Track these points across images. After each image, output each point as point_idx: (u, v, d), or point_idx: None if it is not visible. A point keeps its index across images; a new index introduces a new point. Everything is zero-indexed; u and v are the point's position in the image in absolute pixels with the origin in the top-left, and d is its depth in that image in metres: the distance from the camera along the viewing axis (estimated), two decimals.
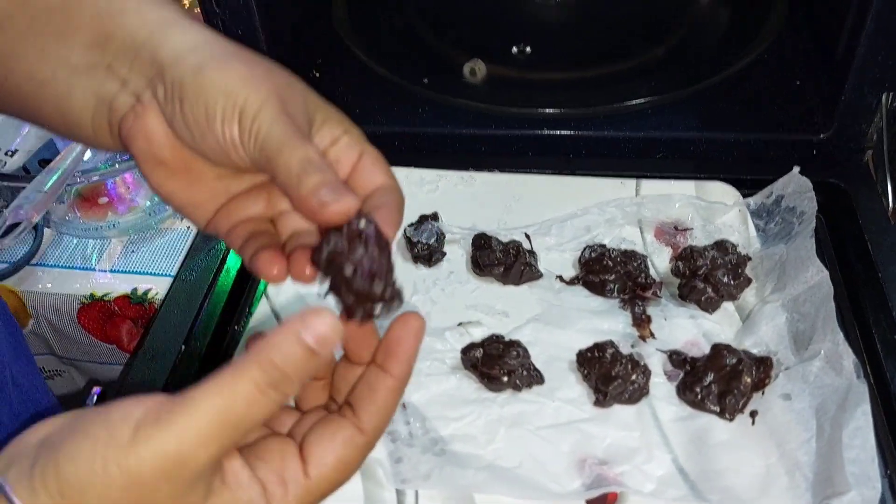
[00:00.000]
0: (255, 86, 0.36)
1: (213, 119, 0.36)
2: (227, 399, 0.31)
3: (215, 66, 0.37)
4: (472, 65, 0.84)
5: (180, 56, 0.38)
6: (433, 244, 0.66)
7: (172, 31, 0.39)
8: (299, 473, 0.34)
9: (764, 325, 0.58)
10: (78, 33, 0.40)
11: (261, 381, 0.31)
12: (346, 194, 0.34)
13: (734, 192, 0.68)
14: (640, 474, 0.51)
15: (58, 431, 0.33)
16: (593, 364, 0.56)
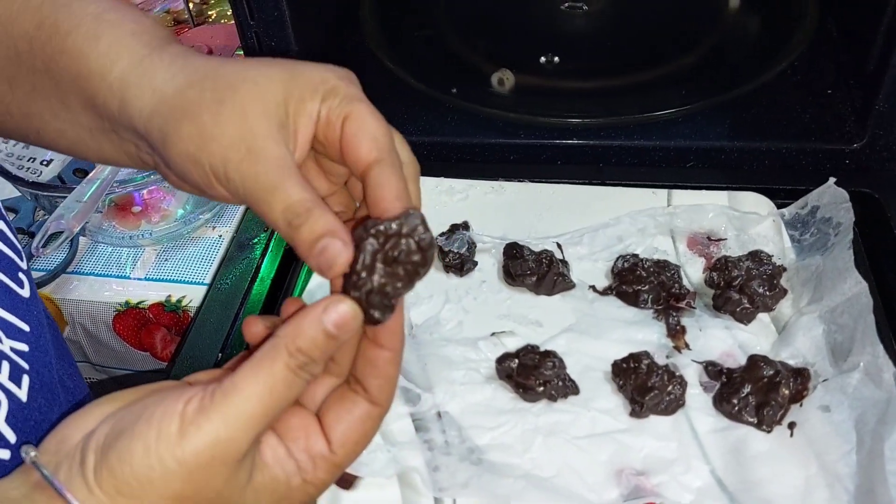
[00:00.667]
0: (210, 145, 0.36)
1: (201, 184, 0.37)
2: (267, 383, 0.33)
3: (173, 134, 0.37)
4: (501, 74, 0.84)
5: (147, 126, 0.38)
6: (464, 253, 0.66)
7: (133, 95, 0.38)
8: (325, 450, 0.36)
9: (801, 336, 0.58)
10: (70, 97, 0.41)
11: (292, 364, 0.33)
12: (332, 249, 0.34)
13: (768, 203, 0.68)
14: (678, 485, 0.51)
15: (102, 432, 0.34)
16: (629, 375, 0.56)
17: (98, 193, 0.69)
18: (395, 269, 0.34)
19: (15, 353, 0.47)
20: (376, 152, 0.37)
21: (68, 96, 0.41)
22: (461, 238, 0.66)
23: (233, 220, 0.82)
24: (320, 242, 0.34)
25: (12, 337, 0.47)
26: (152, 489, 0.32)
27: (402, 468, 0.51)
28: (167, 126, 0.37)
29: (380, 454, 0.52)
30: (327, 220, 0.35)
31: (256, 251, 0.72)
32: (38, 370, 0.49)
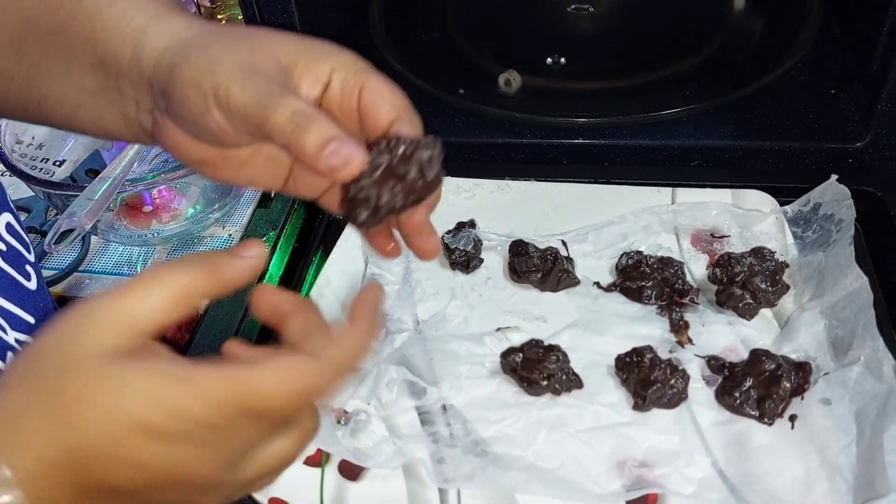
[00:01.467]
0: (216, 67, 0.36)
1: (197, 113, 0.37)
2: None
3: (182, 63, 0.37)
4: (508, 75, 0.85)
5: (157, 63, 0.39)
6: (470, 251, 0.67)
7: (148, 38, 0.40)
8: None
9: (803, 331, 0.58)
10: (79, 58, 0.42)
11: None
12: (346, 151, 0.34)
13: (771, 201, 0.69)
14: (680, 477, 0.52)
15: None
16: (632, 369, 0.57)
17: (110, 191, 0.70)
18: (395, 185, 0.36)
19: (20, 345, 0.48)
20: (396, 112, 0.38)
21: (77, 57, 0.42)
22: (467, 236, 0.67)
23: (242, 219, 0.83)
24: (331, 144, 0.34)
25: (17, 329, 0.48)
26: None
27: (407, 460, 0.52)
28: (176, 57, 0.38)
29: (385, 446, 0.53)
30: (337, 127, 0.35)
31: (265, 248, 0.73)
32: None
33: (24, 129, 0.79)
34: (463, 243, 0.67)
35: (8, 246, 0.49)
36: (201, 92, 0.36)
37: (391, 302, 0.64)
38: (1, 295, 0.48)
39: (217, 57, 0.37)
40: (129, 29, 0.40)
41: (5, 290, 0.48)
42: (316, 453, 0.53)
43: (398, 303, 0.64)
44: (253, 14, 0.72)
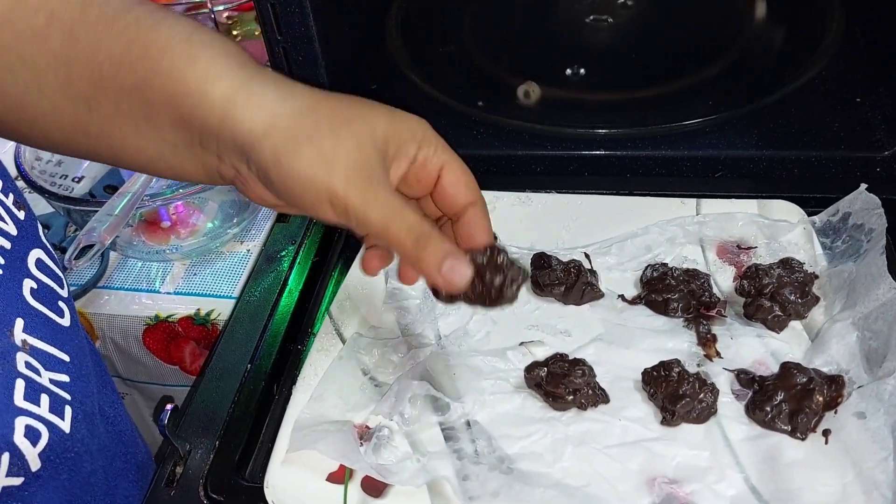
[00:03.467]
0: (330, 168, 0.40)
1: (304, 203, 0.42)
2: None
3: (290, 154, 0.41)
4: (527, 87, 0.85)
5: (256, 142, 0.41)
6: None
7: (238, 111, 0.41)
8: None
9: (834, 343, 0.57)
10: (159, 115, 0.43)
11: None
12: (460, 269, 0.44)
13: (798, 211, 0.68)
14: (712, 494, 0.50)
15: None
16: (659, 383, 0.56)
17: (129, 207, 0.70)
18: (477, 287, 0.47)
19: (55, 385, 0.47)
20: (472, 196, 0.47)
21: (158, 114, 0.43)
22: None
23: (260, 234, 0.83)
24: (447, 262, 0.43)
25: (52, 369, 0.48)
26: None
27: (431, 477, 0.51)
28: (285, 146, 0.41)
29: (409, 463, 0.52)
30: (449, 243, 0.44)
31: (284, 264, 0.73)
32: (80, 400, 0.49)
33: None
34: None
35: (39, 283, 0.49)
36: (316, 190, 0.41)
37: (412, 317, 0.64)
38: (33, 335, 0.47)
39: (331, 158, 0.41)
40: (214, 95, 0.41)
41: (38, 329, 0.47)
42: (339, 469, 0.52)
43: (419, 318, 0.63)
44: (271, 30, 0.72)
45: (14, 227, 0.47)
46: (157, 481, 0.55)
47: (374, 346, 0.60)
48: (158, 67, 0.42)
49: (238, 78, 0.42)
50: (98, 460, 0.52)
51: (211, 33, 0.44)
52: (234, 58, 0.43)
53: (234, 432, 0.58)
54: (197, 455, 0.56)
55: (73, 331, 0.51)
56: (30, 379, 0.45)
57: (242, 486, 0.55)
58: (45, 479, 0.45)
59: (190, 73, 0.41)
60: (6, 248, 0.46)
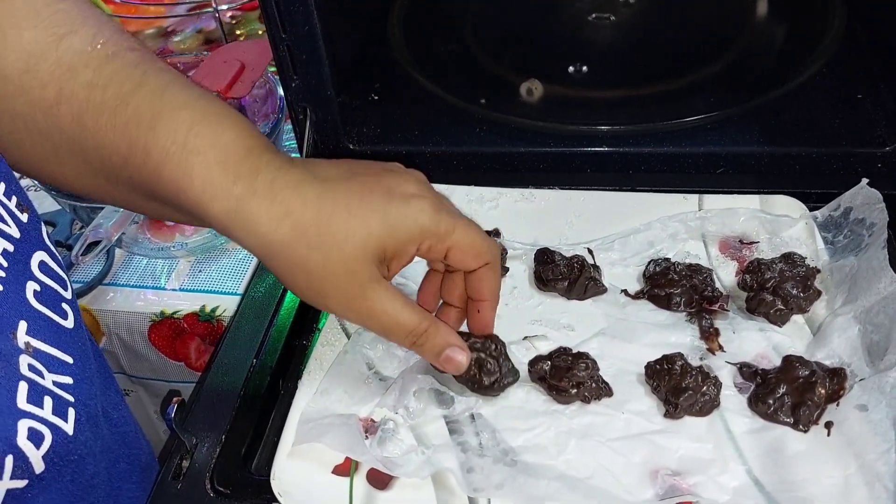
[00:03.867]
0: (324, 296, 0.46)
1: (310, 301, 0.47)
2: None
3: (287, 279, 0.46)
4: (529, 84, 0.85)
5: (258, 255, 0.45)
6: None
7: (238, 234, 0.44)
8: None
9: (836, 337, 0.58)
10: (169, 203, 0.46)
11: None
12: (456, 358, 0.51)
13: (800, 206, 0.68)
14: (715, 485, 0.51)
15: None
16: (662, 376, 0.56)
17: None
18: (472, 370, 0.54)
19: (59, 387, 0.47)
20: (481, 261, 0.50)
21: (167, 202, 0.46)
22: None
23: None
24: (444, 353, 0.50)
25: (56, 371, 0.48)
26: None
27: (436, 469, 0.52)
28: (283, 272, 0.45)
29: (414, 455, 0.53)
30: (444, 335, 0.50)
31: None
32: (84, 402, 0.50)
33: None
34: None
35: (42, 286, 0.49)
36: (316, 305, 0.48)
37: None
38: (37, 337, 0.47)
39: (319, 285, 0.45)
40: (214, 212, 0.44)
41: (41, 331, 0.48)
42: (345, 462, 0.52)
43: None
44: (276, 29, 0.73)
45: (17, 230, 0.47)
46: (163, 475, 0.56)
47: (378, 341, 0.60)
48: (159, 177, 0.44)
49: (232, 199, 0.44)
50: (101, 462, 0.52)
51: (214, 123, 0.45)
52: (229, 168, 0.44)
53: (240, 426, 0.58)
54: (203, 449, 0.57)
55: (77, 332, 0.52)
56: (33, 381, 0.45)
57: (249, 479, 0.55)
58: (48, 481, 0.46)
59: (189, 191, 0.44)
60: (9, 251, 0.46)
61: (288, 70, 0.75)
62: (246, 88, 0.84)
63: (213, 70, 0.85)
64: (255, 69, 0.85)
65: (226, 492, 0.54)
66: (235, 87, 0.84)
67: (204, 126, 0.44)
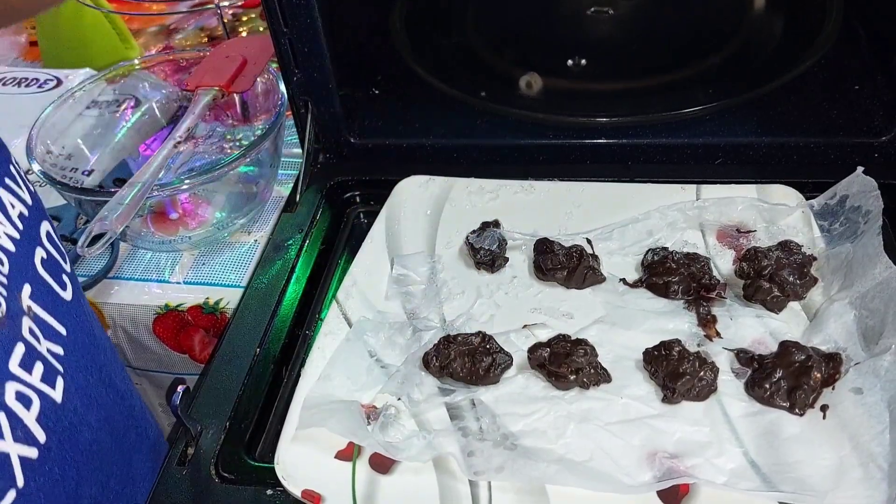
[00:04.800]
0: None
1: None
2: None
3: None
4: (529, 77, 0.86)
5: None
6: (495, 250, 0.68)
7: None
8: None
9: (832, 322, 0.58)
10: None
11: None
12: None
13: (796, 195, 0.69)
14: (712, 467, 0.52)
15: None
16: (660, 362, 0.57)
17: (139, 196, 0.71)
18: (465, 362, 0.58)
19: (51, 355, 0.49)
20: None
21: None
22: (492, 235, 0.68)
23: (267, 225, 0.84)
24: None
25: (50, 339, 0.49)
26: None
27: (438, 453, 0.53)
28: None
29: (416, 440, 0.54)
30: None
31: (292, 252, 0.74)
32: (72, 374, 0.51)
33: (53, 138, 0.81)
34: (488, 243, 0.68)
35: (48, 254, 0.51)
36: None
37: (417, 301, 0.65)
38: (38, 302, 0.49)
39: None
40: None
41: (41, 298, 0.49)
42: (347, 447, 0.53)
43: (424, 302, 0.65)
44: (278, 21, 0.74)
45: (29, 197, 0.49)
46: (169, 461, 0.57)
47: (380, 329, 0.61)
48: None
49: None
50: (102, 432, 0.53)
51: None
52: None
53: (244, 414, 0.59)
54: (208, 436, 0.58)
55: (75, 306, 0.53)
56: (30, 345, 0.46)
57: (253, 466, 0.56)
58: (55, 451, 0.47)
59: None
60: (24, 215, 0.48)
61: (289, 64, 0.76)
62: (248, 83, 0.85)
63: (215, 65, 0.86)
64: (256, 64, 0.86)
65: (231, 478, 0.55)
66: (237, 81, 0.85)
67: None
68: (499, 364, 0.58)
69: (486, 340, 0.59)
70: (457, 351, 0.58)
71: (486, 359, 0.57)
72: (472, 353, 0.58)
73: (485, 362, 0.57)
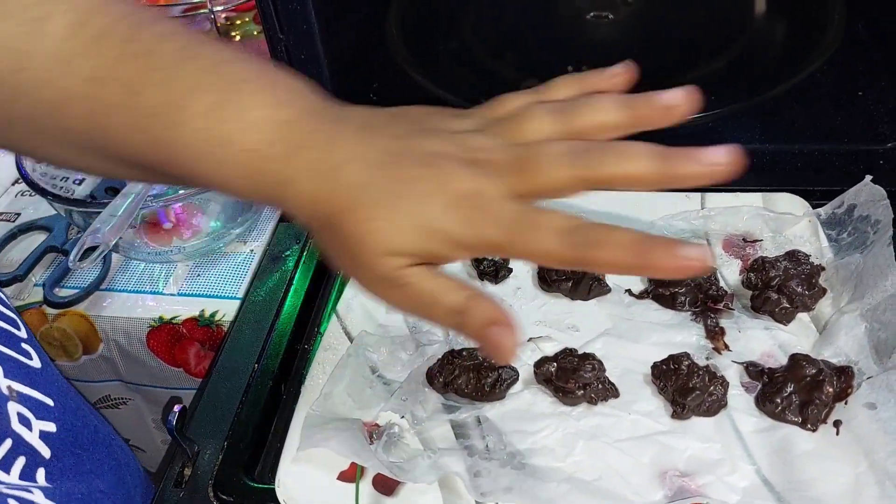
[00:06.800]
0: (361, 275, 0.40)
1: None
2: None
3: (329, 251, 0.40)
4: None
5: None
6: (499, 261, 0.67)
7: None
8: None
9: (843, 334, 0.58)
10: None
11: None
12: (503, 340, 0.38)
13: (803, 203, 0.68)
14: (724, 486, 0.51)
15: None
16: (669, 376, 0.56)
17: (132, 207, 0.70)
18: (470, 377, 0.57)
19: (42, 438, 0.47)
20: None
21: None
22: None
23: (264, 234, 0.83)
24: (485, 330, 0.38)
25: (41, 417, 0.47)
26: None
27: (443, 474, 0.52)
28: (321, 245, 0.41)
29: (420, 460, 0.53)
30: (488, 307, 0.39)
31: (289, 263, 0.73)
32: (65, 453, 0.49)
33: None
34: None
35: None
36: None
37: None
38: (15, 379, 0.46)
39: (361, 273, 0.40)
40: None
41: (13, 372, 0.47)
42: (350, 468, 0.52)
43: None
44: (273, 28, 0.72)
45: None
46: (165, 482, 0.56)
47: (382, 344, 0.60)
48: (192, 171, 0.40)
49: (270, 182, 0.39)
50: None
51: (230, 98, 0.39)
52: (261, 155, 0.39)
53: (242, 433, 0.58)
54: (205, 456, 0.57)
55: (47, 371, 0.51)
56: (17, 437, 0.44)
57: (252, 487, 0.55)
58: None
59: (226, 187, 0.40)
60: None
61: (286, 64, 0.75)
62: None
63: None
64: None
65: (228, 500, 0.54)
66: None
67: (228, 108, 0.39)
68: (504, 379, 0.57)
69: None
70: (461, 366, 0.57)
71: (491, 374, 0.56)
72: (477, 369, 0.57)
73: (490, 377, 0.56)
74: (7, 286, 0.77)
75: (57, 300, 0.76)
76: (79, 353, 0.80)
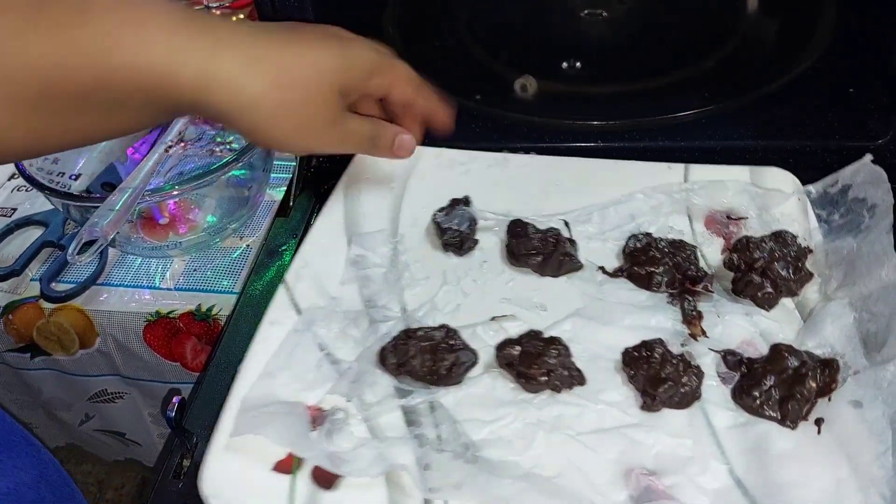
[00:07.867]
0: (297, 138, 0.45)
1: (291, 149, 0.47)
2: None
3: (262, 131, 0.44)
4: (523, 80, 0.76)
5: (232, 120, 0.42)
6: (465, 231, 0.56)
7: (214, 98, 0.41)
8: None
9: (829, 324, 0.46)
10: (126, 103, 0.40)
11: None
12: (405, 138, 0.51)
13: (793, 180, 0.57)
14: (693, 487, 0.40)
15: None
16: (641, 364, 0.46)
17: (130, 201, 0.62)
18: (428, 358, 0.48)
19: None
20: (417, 87, 0.53)
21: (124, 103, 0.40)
22: (461, 214, 0.56)
23: (260, 229, 0.75)
24: (395, 141, 0.51)
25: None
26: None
27: (389, 467, 0.42)
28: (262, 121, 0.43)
29: (365, 450, 0.43)
30: (392, 127, 0.51)
31: (286, 258, 0.64)
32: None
33: None
34: (456, 222, 0.56)
35: None
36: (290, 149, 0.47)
37: (376, 287, 0.53)
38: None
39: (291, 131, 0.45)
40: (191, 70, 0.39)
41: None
42: (287, 457, 0.42)
43: (384, 288, 0.53)
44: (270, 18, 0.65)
45: None
46: (164, 474, 0.47)
47: (332, 320, 0.50)
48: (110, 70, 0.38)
49: (200, 57, 0.39)
50: None
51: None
52: (184, 30, 0.39)
53: None
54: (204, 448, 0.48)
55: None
56: None
57: None
58: None
59: (153, 66, 0.38)
60: None
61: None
62: None
63: None
64: None
65: None
66: None
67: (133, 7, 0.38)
68: (462, 363, 0.47)
69: (450, 335, 0.48)
70: (417, 347, 0.47)
71: (448, 356, 0.46)
72: (433, 350, 0.47)
73: (447, 361, 0.46)
74: (3, 281, 0.70)
75: (53, 295, 0.68)
76: (75, 347, 0.73)
